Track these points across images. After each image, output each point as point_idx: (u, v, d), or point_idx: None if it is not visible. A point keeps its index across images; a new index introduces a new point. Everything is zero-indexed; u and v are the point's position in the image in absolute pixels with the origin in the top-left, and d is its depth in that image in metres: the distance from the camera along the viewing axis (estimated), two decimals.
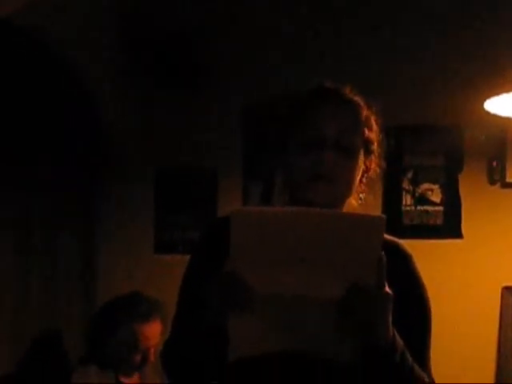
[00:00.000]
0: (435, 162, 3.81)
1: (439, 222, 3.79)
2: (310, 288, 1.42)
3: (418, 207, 3.81)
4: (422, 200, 3.81)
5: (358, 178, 1.70)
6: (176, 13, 3.87)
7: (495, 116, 3.29)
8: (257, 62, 3.90)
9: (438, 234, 3.78)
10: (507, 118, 3.32)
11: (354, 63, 3.72)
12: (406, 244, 1.72)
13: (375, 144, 1.72)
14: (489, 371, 3.69)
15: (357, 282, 1.39)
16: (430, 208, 3.80)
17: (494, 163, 3.74)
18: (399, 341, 1.49)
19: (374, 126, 1.72)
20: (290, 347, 1.49)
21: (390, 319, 1.44)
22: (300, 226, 1.39)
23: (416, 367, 1.55)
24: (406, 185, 3.82)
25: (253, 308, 1.41)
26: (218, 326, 1.45)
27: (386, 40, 3.81)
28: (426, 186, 3.82)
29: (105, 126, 3.95)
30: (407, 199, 3.82)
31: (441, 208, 3.79)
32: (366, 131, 1.69)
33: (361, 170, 1.70)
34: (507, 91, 3.08)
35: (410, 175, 3.83)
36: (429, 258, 3.65)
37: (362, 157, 1.69)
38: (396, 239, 1.71)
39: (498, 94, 3.11)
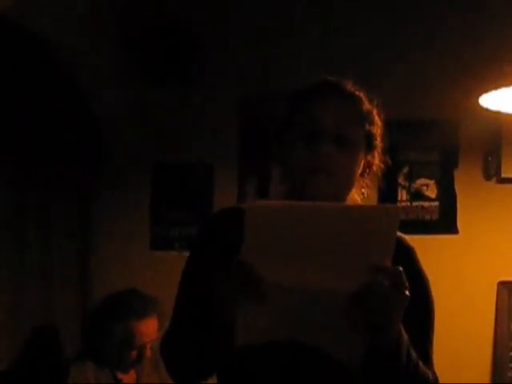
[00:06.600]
0: (430, 158, 3.81)
1: (434, 217, 3.79)
2: (323, 282, 1.40)
3: (414, 203, 3.81)
4: (418, 195, 3.81)
5: (359, 173, 1.67)
6: (174, 6, 3.86)
7: (490, 111, 3.28)
8: (255, 56, 3.89)
9: (434, 229, 3.78)
10: (502, 113, 3.32)
11: (351, 59, 3.71)
12: None
13: (378, 139, 1.70)
14: (485, 366, 3.70)
15: (372, 277, 1.37)
16: (425, 203, 3.80)
17: (490, 158, 3.74)
18: (405, 338, 1.47)
19: (377, 121, 1.70)
20: (298, 338, 1.48)
21: (400, 319, 1.43)
22: (314, 220, 1.37)
23: (421, 364, 1.53)
24: (401, 180, 3.82)
25: (263, 297, 1.39)
26: (226, 313, 1.43)
27: (381, 36, 3.81)
28: (421, 181, 3.82)
29: (100, 122, 3.95)
30: (403, 194, 3.82)
31: (436, 203, 3.79)
32: (367, 125, 1.66)
33: (361, 164, 1.67)
34: (503, 86, 3.08)
35: (405, 170, 3.82)
36: (424, 253, 3.64)
37: (362, 151, 1.66)
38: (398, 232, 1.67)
39: (493, 89, 3.10)
